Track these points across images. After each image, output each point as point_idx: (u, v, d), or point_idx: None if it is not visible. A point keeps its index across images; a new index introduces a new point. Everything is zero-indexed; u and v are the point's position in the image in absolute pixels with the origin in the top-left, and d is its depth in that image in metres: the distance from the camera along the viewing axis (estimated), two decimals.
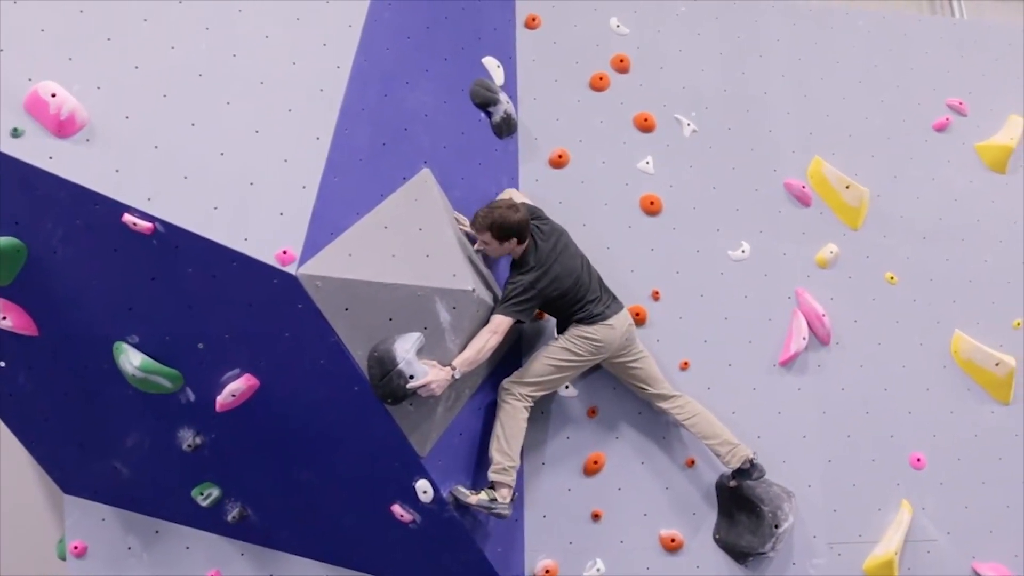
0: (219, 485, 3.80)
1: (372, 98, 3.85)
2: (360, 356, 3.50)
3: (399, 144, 3.91)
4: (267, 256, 3.34)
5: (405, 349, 3.51)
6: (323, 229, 3.49)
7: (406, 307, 3.56)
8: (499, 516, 3.73)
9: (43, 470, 3.94)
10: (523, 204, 3.96)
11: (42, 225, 3.36)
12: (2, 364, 3.60)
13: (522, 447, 3.90)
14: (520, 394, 3.86)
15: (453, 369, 3.59)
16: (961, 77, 5.19)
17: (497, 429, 3.85)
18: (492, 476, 3.76)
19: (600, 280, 4.03)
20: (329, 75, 3.75)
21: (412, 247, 3.67)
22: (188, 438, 3.68)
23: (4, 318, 3.46)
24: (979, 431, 4.61)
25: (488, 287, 3.92)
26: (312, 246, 3.42)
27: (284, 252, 3.34)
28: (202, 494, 3.79)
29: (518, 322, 3.78)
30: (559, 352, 3.90)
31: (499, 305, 3.75)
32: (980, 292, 4.81)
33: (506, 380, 3.91)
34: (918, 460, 4.50)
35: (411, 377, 3.50)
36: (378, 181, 3.76)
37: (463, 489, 3.72)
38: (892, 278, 4.74)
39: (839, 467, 4.40)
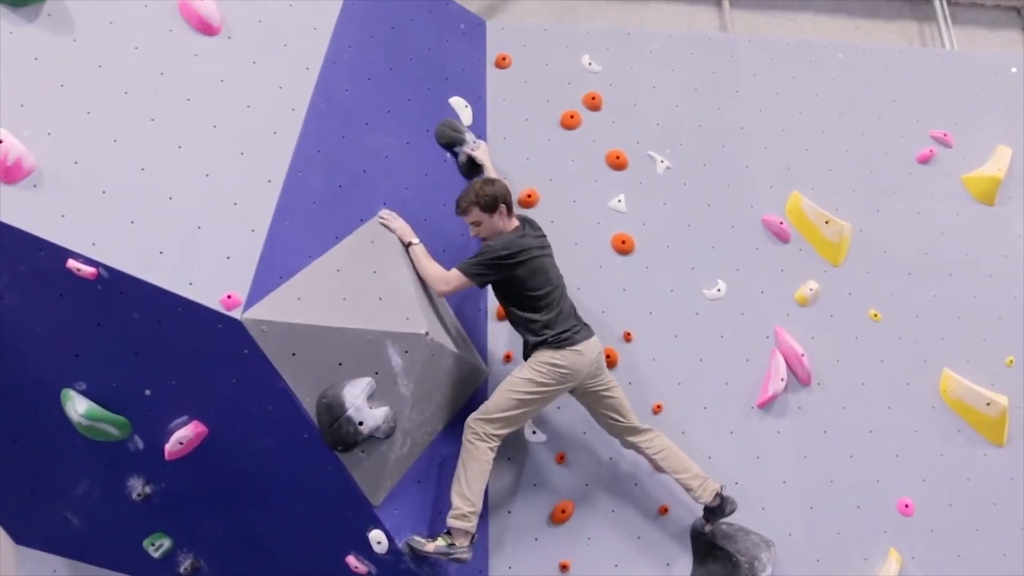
0: (171, 535, 3.72)
1: (329, 140, 3.82)
2: (309, 402, 3.42)
3: (357, 186, 3.87)
4: (211, 301, 3.29)
5: (354, 395, 3.43)
6: (272, 273, 3.43)
7: (356, 352, 3.48)
8: (459, 561, 3.58)
9: None
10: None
11: None
12: None
13: (486, 491, 3.76)
14: (484, 433, 3.67)
15: (412, 243, 3.80)
16: (945, 108, 5.06)
17: (459, 471, 3.68)
18: (451, 522, 3.60)
19: (573, 307, 3.90)
20: (284, 118, 3.72)
21: (365, 290, 3.61)
22: (138, 487, 3.61)
23: None
24: (971, 475, 4.39)
25: (447, 330, 3.84)
26: (259, 290, 3.36)
27: (229, 296, 3.29)
28: (153, 545, 3.71)
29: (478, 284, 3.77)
30: (523, 384, 3.71)
31: (463, 262, 3.73)
32: (969, 329, 4.63)
33: (470, 417, 3.73)
34: (906, 506, 4.29)
35: (360, 424, 3.41)
36: (333, 224, 3.71)
37: (419, 538, 3.59)
38: (876, 315, 4.57)
39: (822, 514, 4.20)
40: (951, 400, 4.49)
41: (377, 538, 3.55)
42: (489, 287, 3.93)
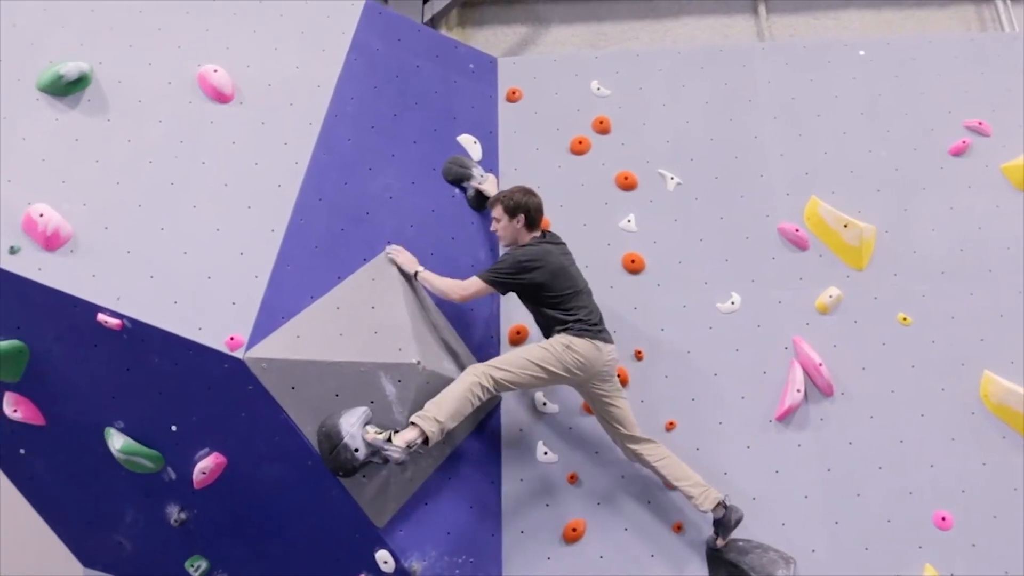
0: (207, 557, 4.09)
1: (330, 188, 4.13)
2: (310, 432, 3.69)
3: (360, 228, 4.14)
4: (218, 343, 3.63)
5: (350, 423, 3.65)
6: (274, 314, 3.75)
7: (351, 383, 3.73)
8: (389, 459, 3.51)
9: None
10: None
11: (38, 328, 3.83)
12: (23, 451, 4.10)
13: (499, 504, 3.93)
14: (482, 372, 3.73)
15: (418, 271, 4.00)
16: (981, 96, 4.78)
17: (444, 390, 3.70)
18: (413, 418, 3.60)
19: (601, 315, 3.99)
20: (288, 171, 4.08)
21: (362, 325, 3.86)
22: (174, 514, 4.01)
23: (15, 410, 3.95)
24: (1018, 484, 4.08)
25: (449, 359, 4.01)
26: (261, 331, 3.69)
27: (232, 339, 3.63)
28: (193, 566, 4.10)
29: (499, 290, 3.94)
30: (538, 352, 3.80)
31: (483, 271, 3.91)
32: (1013, 327, 4.31)
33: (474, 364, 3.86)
34: (943, 519, 4.05)
35: (356, 450, 3.64)
36: (336, 265, 4.00)
37: (372, 427, 3.59)
38: (905, 319, 4.37)
39: (848, 529, 4.04)
40: (993, 405, 4.21)
41: (384, 558, 3.77)
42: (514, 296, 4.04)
